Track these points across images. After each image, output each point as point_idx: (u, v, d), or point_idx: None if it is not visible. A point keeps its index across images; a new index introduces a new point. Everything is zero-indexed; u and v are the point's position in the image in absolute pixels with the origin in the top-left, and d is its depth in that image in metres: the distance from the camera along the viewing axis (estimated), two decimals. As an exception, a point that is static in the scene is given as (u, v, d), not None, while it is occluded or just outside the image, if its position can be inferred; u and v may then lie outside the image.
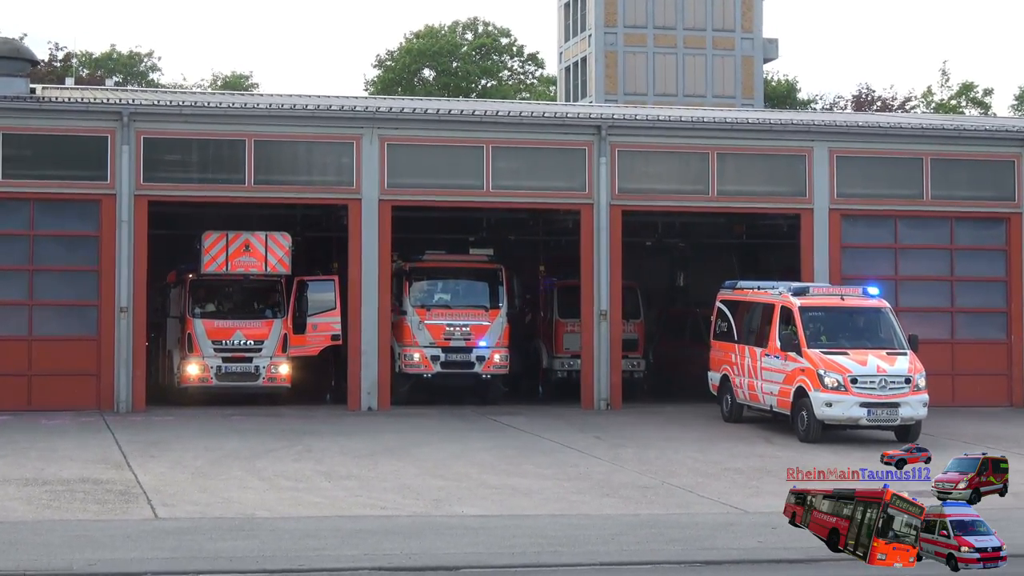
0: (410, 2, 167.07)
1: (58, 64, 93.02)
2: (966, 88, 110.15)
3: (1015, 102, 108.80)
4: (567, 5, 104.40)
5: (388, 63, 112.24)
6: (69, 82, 64.64)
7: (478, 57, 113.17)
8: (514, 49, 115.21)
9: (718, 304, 36.21)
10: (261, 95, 64.48)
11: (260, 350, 38.19)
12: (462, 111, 40.70)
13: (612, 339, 38.77)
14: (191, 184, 37.71)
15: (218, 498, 23.47)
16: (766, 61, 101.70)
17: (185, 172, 37.77)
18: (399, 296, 38.56)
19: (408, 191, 38.35)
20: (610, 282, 38.70)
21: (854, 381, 30.17)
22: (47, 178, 36.76)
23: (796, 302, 32.00)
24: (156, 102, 39.87)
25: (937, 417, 33.62)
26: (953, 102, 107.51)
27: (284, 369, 38.35)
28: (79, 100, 38.78)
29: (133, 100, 39.46)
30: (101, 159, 36.75)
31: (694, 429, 34.30)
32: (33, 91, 39.07)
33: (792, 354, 31.40)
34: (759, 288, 34.92)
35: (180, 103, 39.36)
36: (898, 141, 41.36)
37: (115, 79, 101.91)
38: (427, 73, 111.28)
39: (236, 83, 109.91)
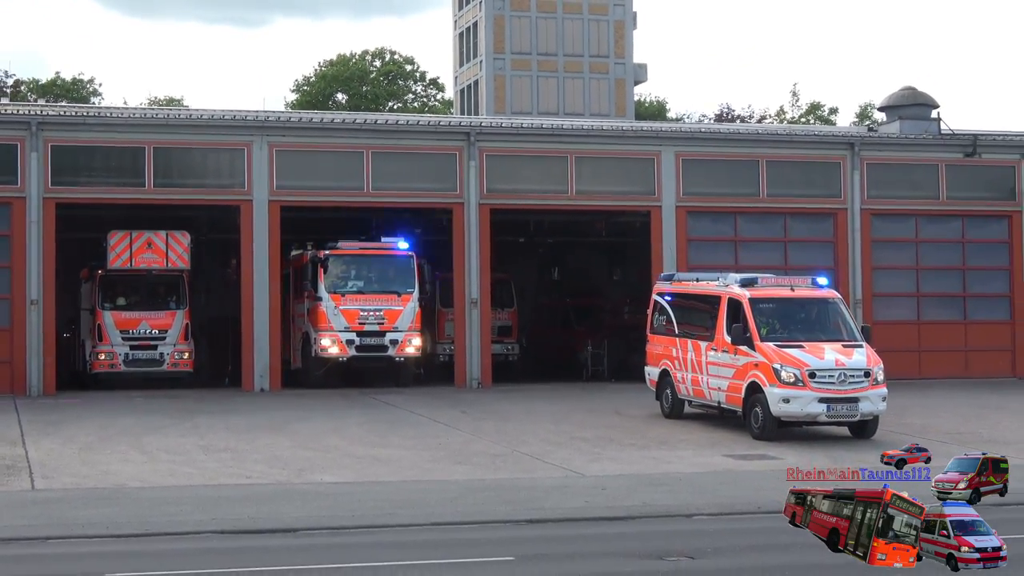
0: (325, 34, 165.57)
1: (8, 90, 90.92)
2: (814, 107, 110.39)
3: (856, 119, 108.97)
4: (461, 34, 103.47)
5: (304, 88, 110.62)
6: (4, 100, 62.81)
7: (385, 82, 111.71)
8: (417, 75, 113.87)
9: (655, 297, 30.69)
10: (160, 107, 62.97)
11: (164, 338, 37.06)
12: (344, 119, 39.85)
13: (482, 325, 37.90)
14: (96, 187, 36.36)
15: (97, 471, 22.24)
16: (637, 84, 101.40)
17: (90, 177, 36.39)
18: (314, 283, 36.17)
19: (295, 192, 37.25)
20: (480, 274, 37.83)
21: (812, 375, 24.98)
22: (-39, 183, 35.38)
23: (745, 293, 26.73)
24: (62, 113, 38.45)
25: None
26: (803, 120, 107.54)
27: (186, 355, 37.23)
28: (-9, 112, 37.38)
29: (42, 111, 38.11)
30: (12, 165, 35.42)
31: (554, 403, 33.38)
32: (-49, 105, 37.53)
33: (743, 348, 26.18)
34: (698, 280, 30.05)
35: (85, 114, 37.92)
36: (736, 145, 40.86)
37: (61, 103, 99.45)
38: (340, 97, 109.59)
39: (169, 105, 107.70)
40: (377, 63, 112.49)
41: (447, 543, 15.61)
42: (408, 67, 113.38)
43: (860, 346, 26.12)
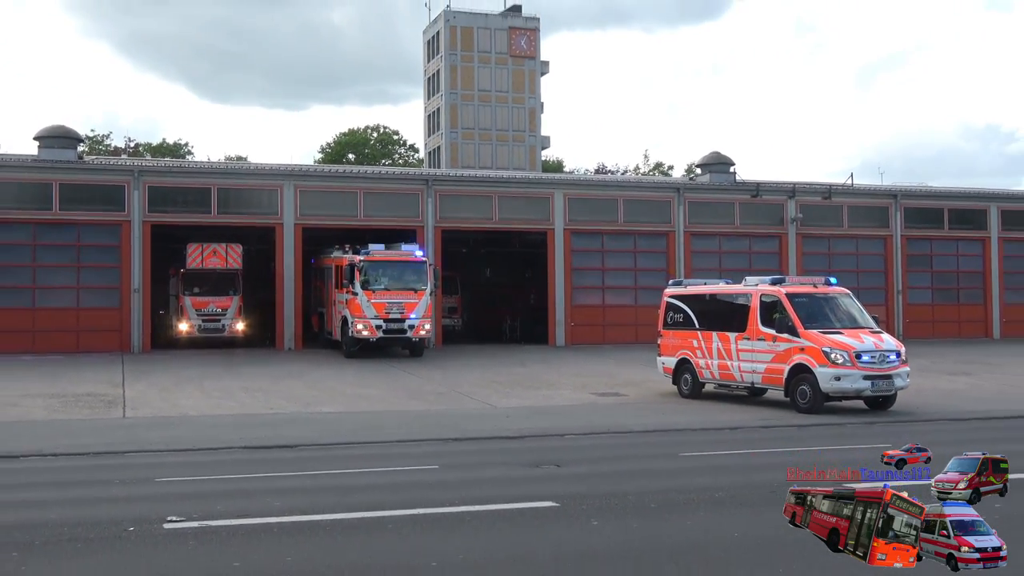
0: (343, 115, 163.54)
1: (130, 150, 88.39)
2: (658, 165, 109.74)
3: (684, 172, 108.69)
4: (430, 116, 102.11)
5: (327, 150, 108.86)
6: (124, 156, 60.97)
7: (380, 147, 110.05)
8: (401, 142, 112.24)
9: (667, 299, 24.57)
10: (221, 161, 61.59)
11: (225, 315, 35.98)
12: (345, 170, 39.00)
13: (437, 306, 37.01)
14: (178, 213, 35.15)
15: (169, 404, 21.39)
16: (544, 149, 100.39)
17: (174, 207, 35.13)
18: (351, 280, 32.31)
19: (312, 218, 36.16)
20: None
21: (858, 356, 20.14)
22: (88, 210, 34.19)
23: (781, 290, 21.58)
24: (156, 164, 37.28)
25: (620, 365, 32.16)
26: (650, 172, 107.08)
27: (240, 326, 36.20)
28: (108, 163, 36.12)
29: (142, 164, 36.92)
30: (121, 199, 34.23)
31: (483, 359, 32.72)
32: (81, 157, 36.15)
33: (785, 335, 20.99)
34: (706, 283, 24.79)
35: (171, 165, 36.80)
36: (604, 189, 40.31)
37: (165, 159, 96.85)
38: (350, 156, 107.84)
39: (238, 161, 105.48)
40: (375, 134, 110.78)
41: (396, 455, 14.94)
42: (395, 137, 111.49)
43: (881, 332, 21.25)
